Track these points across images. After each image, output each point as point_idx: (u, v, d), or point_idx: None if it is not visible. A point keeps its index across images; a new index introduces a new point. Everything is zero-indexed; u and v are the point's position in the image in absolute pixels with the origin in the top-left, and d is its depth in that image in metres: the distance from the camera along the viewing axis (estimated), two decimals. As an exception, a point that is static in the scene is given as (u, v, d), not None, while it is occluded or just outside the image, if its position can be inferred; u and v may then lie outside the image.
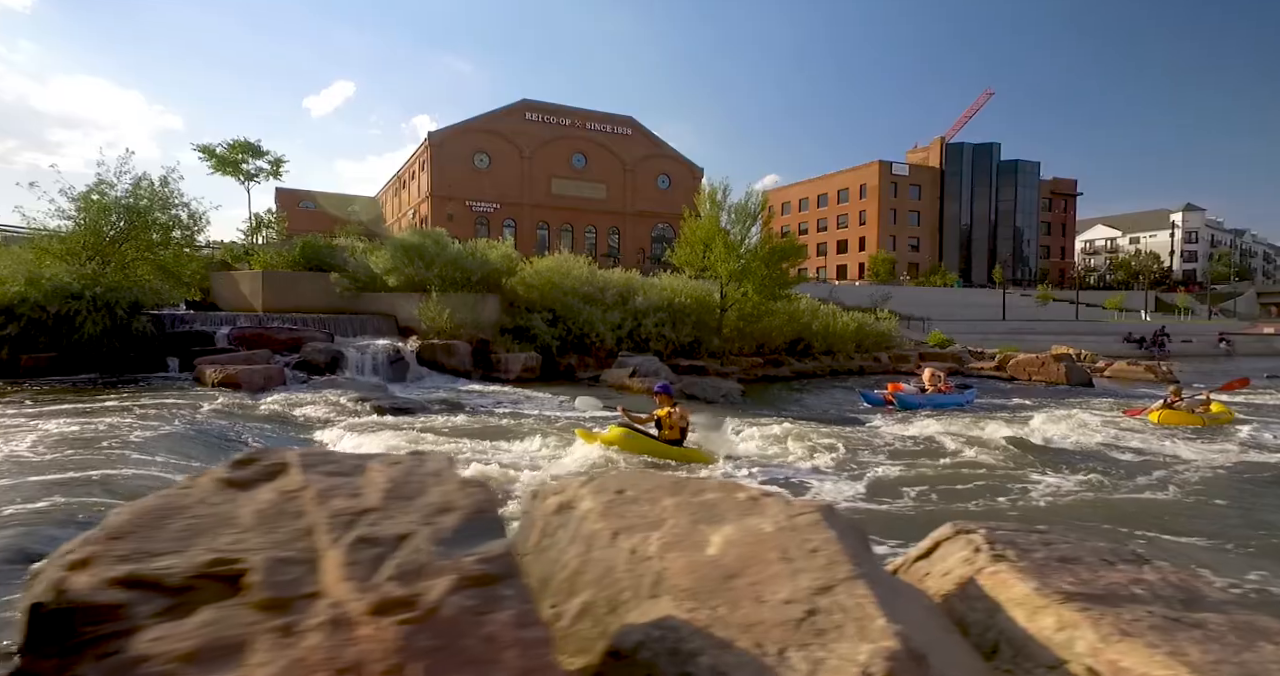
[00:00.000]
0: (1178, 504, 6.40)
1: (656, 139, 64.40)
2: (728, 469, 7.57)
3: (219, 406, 9.72)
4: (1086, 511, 6.21)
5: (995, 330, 43.35)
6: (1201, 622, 1.65)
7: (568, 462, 7.46)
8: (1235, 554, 5.00)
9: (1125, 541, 5.10)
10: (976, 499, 6.56)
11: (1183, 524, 5.74)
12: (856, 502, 6.35)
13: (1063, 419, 12.28)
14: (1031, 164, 77.86)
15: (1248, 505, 6.46)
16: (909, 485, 7.03)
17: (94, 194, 14.89)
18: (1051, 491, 6.86)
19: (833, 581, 1.79)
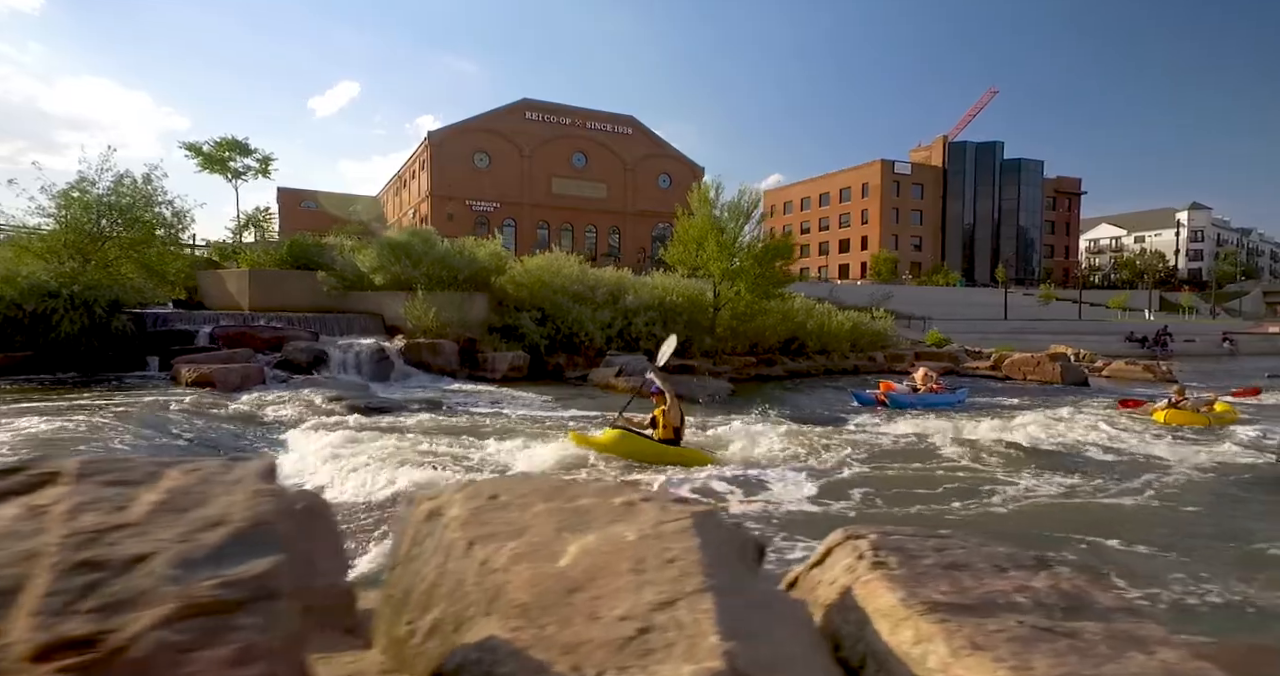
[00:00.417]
0: (1146, 508, 6.15)
1: (657, 138, 64.21)
2: (712, 470, 7.36)
3: (188, 406, 9.57)
4: (1047, 514, 5.98)
5: (997, 330, 43.02)
6: (1075, 632, 1.55)
7: (524, 463, 7.27)
8: (1187, 560, 4.76)
9: (1072, 546, 4.87)
10: (937, 501, 6.33)
11: (1144, 529, 5.50)
12: (809, 504, 6.13)
13: (1050, 418, 12.04)
14: (1035, 163, 77.35)
15: (1224, 511, 6.22)
16: (874, 485, 6.82)
17: (74, 192, 14.79)
18: (1019, 493, 6.63)
19: (678, 595, 1.63)
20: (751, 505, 6.12)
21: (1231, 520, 5.91)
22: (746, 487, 6.64)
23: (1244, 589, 4.22)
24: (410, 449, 7.88)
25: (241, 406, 10.11)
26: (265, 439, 8.36)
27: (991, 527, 5.45)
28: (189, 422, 8.52)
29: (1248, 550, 5.03)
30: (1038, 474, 7.47)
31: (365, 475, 6.51)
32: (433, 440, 8.58)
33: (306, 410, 10.46)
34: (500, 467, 7.15)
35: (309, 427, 9.22)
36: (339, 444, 7.85)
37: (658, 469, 7.36)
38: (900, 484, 7.01)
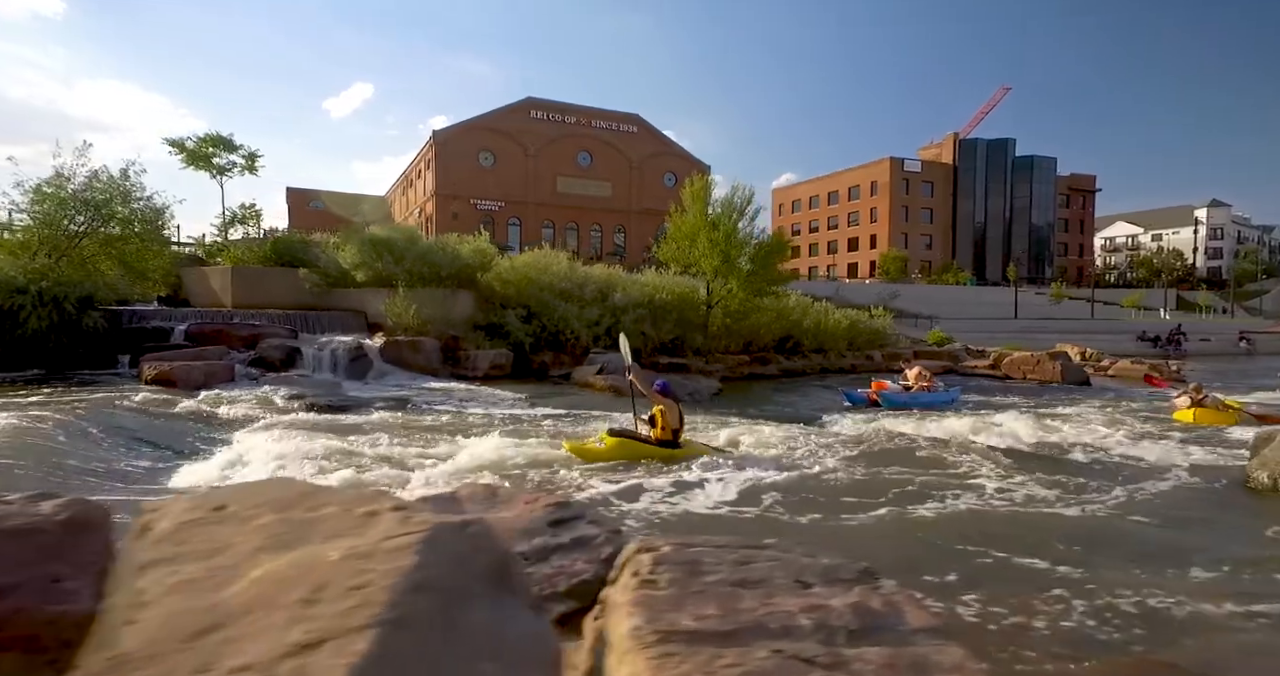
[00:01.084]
0: (1095, 519, 5.61)
1: (663, 136, 63.82)
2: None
3: (136, 404, 9.32)
4: (1000, 520, 5.52)
5: (1006, 329, 42.23)
6: (845, 661, 1.38)
7: (463, 461, 6.90)
8: (1132, 569, 4.28)
9: (991, 555, 4.41)
10: (876, 506, 5.87)
11: (1097, 536, 5.01)
12: (734, 508, 5.70)
13: (1042, 418, 11.56)
14: (1048, 160, 76.07)
15: (1187, 524, 5.71)
16: (820, 488, 6.38)
17: (47, 187, 14.65)
18: (978, 497, 6.16)
19: (331, 634, 1.30)
20: (662, 505, 5.72)
21: (1199, 530, 5.41)
22: (679, 489, 6.23)
23: (1176, 601, 3.76)
24: (350, 448, 7.55)
25: (194, 404, 9.83)
26: (204, 437, 8.07)
27: (919, 534, 4.99)
28: (131, 421, 8.25)
29: (1204, 560, 4.55)
30: (1009, 476, 6.98)
31: (293, 474, 6.18)
32: (380, 439, 8.25)
33: (262, 408, 10.18)
34: (435, 465, 6.80)
35: (258, 426, 8.94)
36: (279, 442, 7.53)
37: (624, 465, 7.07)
38: (848, 488, 6.56)
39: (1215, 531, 5.53)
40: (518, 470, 6.64)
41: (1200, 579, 4.32)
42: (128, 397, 9.70)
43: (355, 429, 9.01)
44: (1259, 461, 6.79)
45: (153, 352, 13.24)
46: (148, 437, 7.56)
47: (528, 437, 8.50)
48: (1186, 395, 12.31)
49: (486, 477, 6.38)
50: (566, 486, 6.28)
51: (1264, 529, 5.55)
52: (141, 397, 9.74)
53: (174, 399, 10.00)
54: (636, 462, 7.24)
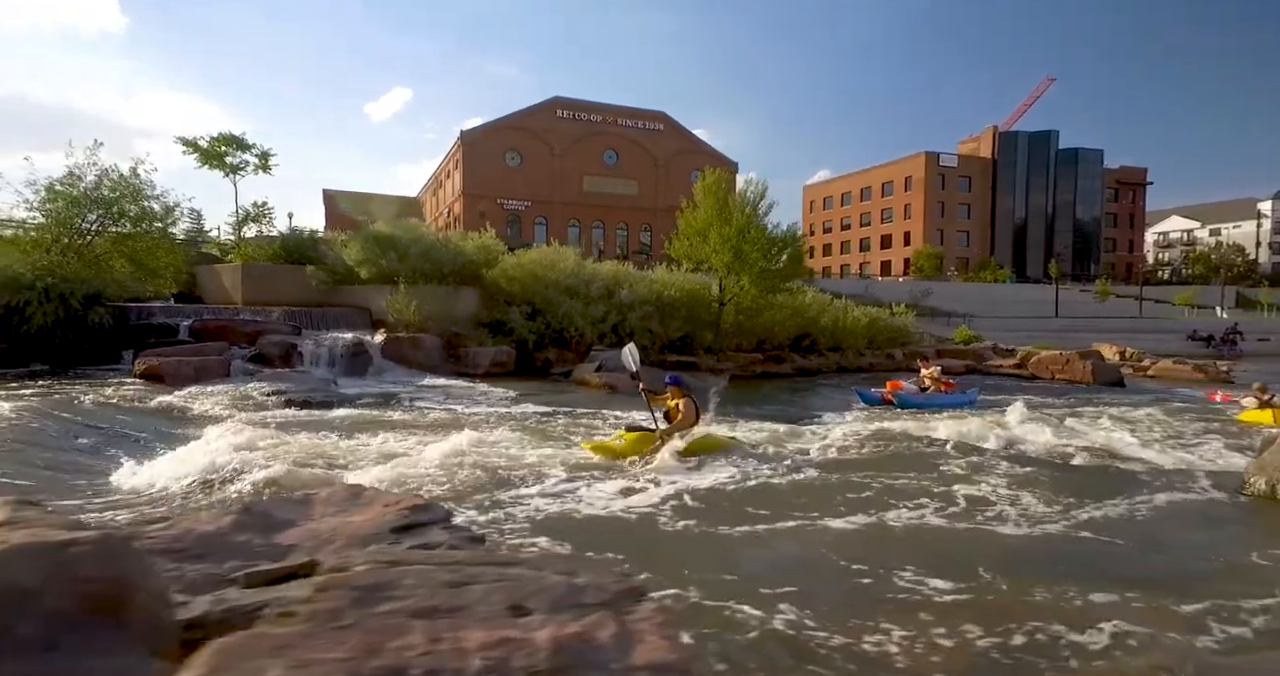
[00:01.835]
0: (1057, 535, 4.96)
1: (689, 134, 63.26)
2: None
3: (111, 398, 9.32)
4: (930, 534, 4.94)
5: (1046, 328, 40.52)
6: None
7: (428, 457, 6.60)
8: (1024, 604, 3.69)
9: (905, 574, 3.80)
10: (838, 513, 5.35)
11: (1023, 561, 4.35)
12: (675, 509, 5.23)
13: (1053, 420, 10.73)
14: (1093, 152, 72.89)
15: (1163, 538, 5.02)
16: (785, 493, 5.87)
17: (58, 185, 14.99)
18: (943, 504, 5.57)
19: None
20: (592, 506, 5.29)
21: (1174, 546, 4.74)
22: (623, 491, 5.79)
23: (1126, 629, 3.20)
24: (304, 445, 7.35)
25: (170, 399, 9.80)
26: (158, 432, 7.94)
27: (857, 546, 4.45)
28: (97, 415, 8.21)
29: (1171, 579, 3.94)
30: (989, 482, 6.36)
31: (234, 469, 5.97)
32: (342, 436, 8.04)
33: (238, 404, 10.10)
34: (380, 464, 6.51)
35: (230, 421, 8.82)
36: (229, 438, 7.35)
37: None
38: (816, 490, 6.04)
39: (1192, 547, 4.89)
40: (459, 469, 6.30)
41: (1162, 602, 3.72)
42: (104, 392, 9.72)
43: (324, 425, 8.83)
44: (1257, 466, 6.10)
45: (153, 349, 13.41)
46: (101, 431, 7.47)
47: (499, 434, 8.16)
48: (1252, 396, 11.46)
49: (430, 476, 6.07)
50: (507, 485, 5.91)
51: (1248, 545, 4.87)
52: (119, 392, 9.75)
53: (152, 394, 9.99)
54: (613, 460, 6.94)
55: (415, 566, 1.65)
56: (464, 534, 3.31)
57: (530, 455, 7.16)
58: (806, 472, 6.86)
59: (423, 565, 1.66)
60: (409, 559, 1.73)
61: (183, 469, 6.04)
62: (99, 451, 6.64)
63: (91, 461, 6.28)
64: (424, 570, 1.62)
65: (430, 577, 1.59)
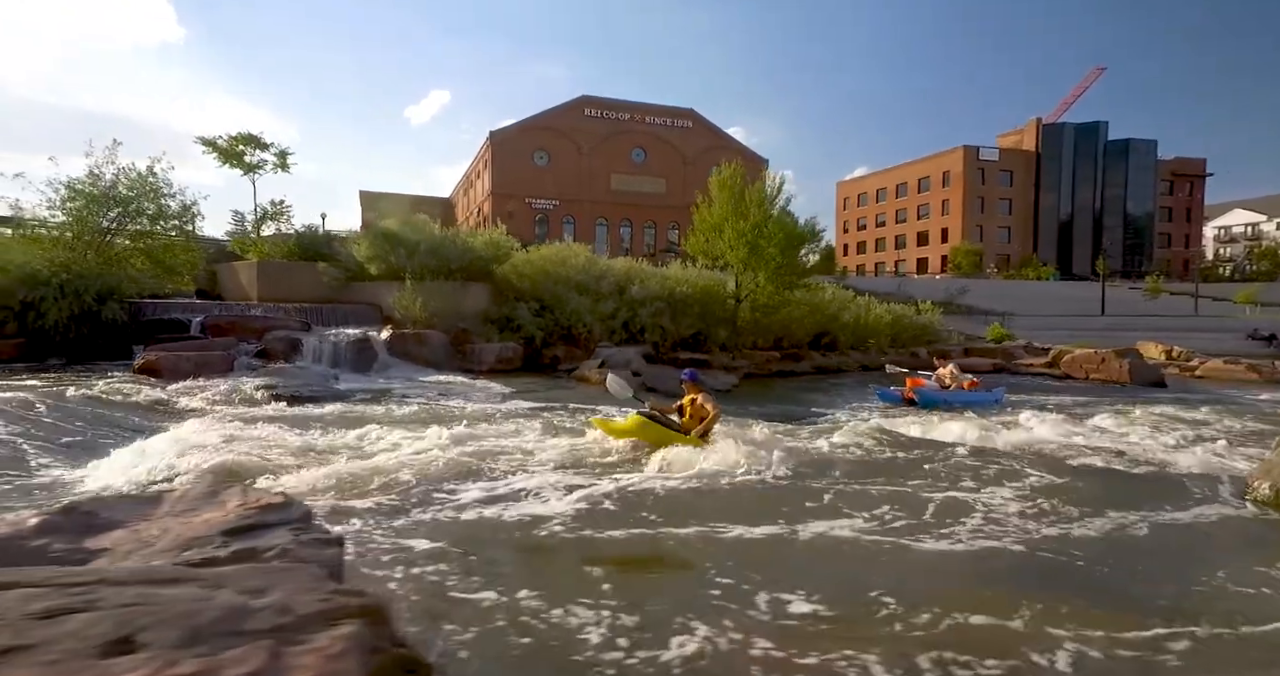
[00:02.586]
0: (1053, 549, 4.40)
1: (718, 131, 62.56)
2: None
3: (95, 392, 9.35)
4: (884, 548, 4.43)
5: (1090, 326, 38.74)
6: None
7: (383, 453, 6.37)
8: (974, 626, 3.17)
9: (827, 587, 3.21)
10: (795, 518, 4.88)
11: (987, 578, 3.87)
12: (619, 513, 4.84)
13: (1072, 420, 9.99)
14: (1145, 143, 69.54)
15: (1149, 551, 4.41)
16: (751, 497, 5.43)
17: (77, 185, 15.39)
18: (913, 511, 5.04)
19: None
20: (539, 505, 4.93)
21: (1161, 560, 4.13)
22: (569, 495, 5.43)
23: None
24: (271, 440, 7.20)
25: (160, 394, 9.82)
26: (132, 427, 7.88)
27: (802, 554, 4.00)
28: (74, 410, 8.24)
29: (1149, 599, 3.38)
30: (982, 485, 5.80)
31: (184, 463, 5.84)
32: (316, 432, 7.88)
33: (231, 398, 10.09)
34: (335, 461, 6.30)
35: (208, 417, 8.78)
36: (201, 433, 7.26)
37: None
38: (790, 494, 5.58)
39: (1182, 559, 4.30)
40: (404, 465, 6.03)
41: (1144, 622, 3.18)
42: (96, 386, 9.80)
43: (304, 421, 8.70)
44: (1263, 469, 5.52)
45: (159, 344, 13.62)
46: (66, 426, 7.46)
47: (468, 431, 7.89)
48: None
49: (371, 472, 5.83)
50: (449, 481, 5.62)
51: (1243, 557, 4.25)
52: (111, 386, 9.82)
53: (142, 389, 10.04)
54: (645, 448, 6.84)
55: (14, 590, 1.32)
56: (316, 535, 3.01)
57: (497, 450, 6.87)
58: (783, 474, 6.40)
59: (28, 588, 1.33)
60: (20, 580, 1.40)
61: (134, 463, 5.93)
62: (51, 445, 6.60)
63: (40, 456, 6.22)
64: (20, 594, 1.29)
65: (27, 604, 1.26)
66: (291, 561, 2.63)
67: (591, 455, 6.89)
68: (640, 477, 6.00)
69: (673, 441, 6.95)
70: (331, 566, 2.78)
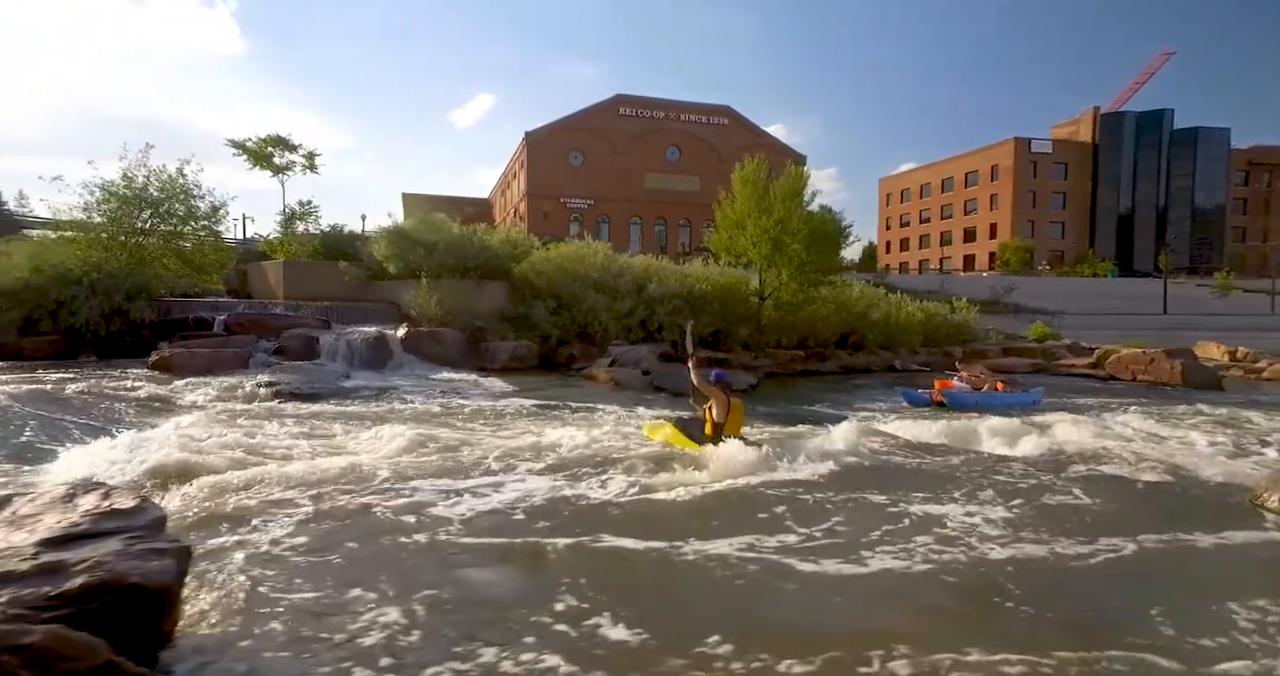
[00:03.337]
0: (1039, 566, 3.89)
1: (755, 128, 61.58)
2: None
3: (99, 388, 9.60)
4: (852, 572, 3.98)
5: (1150, 326, 36.49)
6: None
7: (351, 451, 6.24)
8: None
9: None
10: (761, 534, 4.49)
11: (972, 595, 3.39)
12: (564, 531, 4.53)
13: (1104, 424, 9.22)
14: (1218, 131, 65.33)
15: (1148, 562, 3.83)
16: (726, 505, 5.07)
17: (110, 187, 15.99)
18: (897, 525, 4.57)
19: None
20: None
21: (1153, 576, 3.58)
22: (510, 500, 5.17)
23: None
24: (256, 437, 7.18)
25: (162, 390, 10.01)
26: (115, 421, 7.97)
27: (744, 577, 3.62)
28: (69, 404, 8.44)
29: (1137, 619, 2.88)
30: (982, 495, 5.29)
31: (134, 461, 5.84)
32: (305, 429, 7.85)
33: (232, 395, 10.19)
34: (292, 461, 6.20)
35: (204, 412, 8.89)
36: (185, 429, 7.30)
37: None
38: (778, 506, 5.19)
39: (1157, 588, 3.75)
40: (348, 470, 5.87)
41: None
42: (102, 382, 10.06)
43: (290, 417, 8.68)
44: (1272, 478, 5.09)
45: (185, 341, 14.01)
46: (54, 419, 7.60)
47: (441, 434, 7.73)
48: None
49: (325, 470, 5.69)
50: (368, 487, 5.43)
51: (1227, 585, 3.68)
52: (117, 382, 10.08)
53: (148, 384, 10.27)
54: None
55: None
56: (153, 545, 2.80)
57: (451, 450, 6.68)
58: (752, 484, 6.00)
59: None
60: None
61: (86, 461, 5.91)
62: (16, 438, 6.70)
63: (35, 449, 6.32)
64: None
65: None
66: (106, 574, 2.43)
67: (547, 456, 6.62)
68: (575, 484, 5.71)
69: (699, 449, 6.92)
70: (159, 579, 2.57)
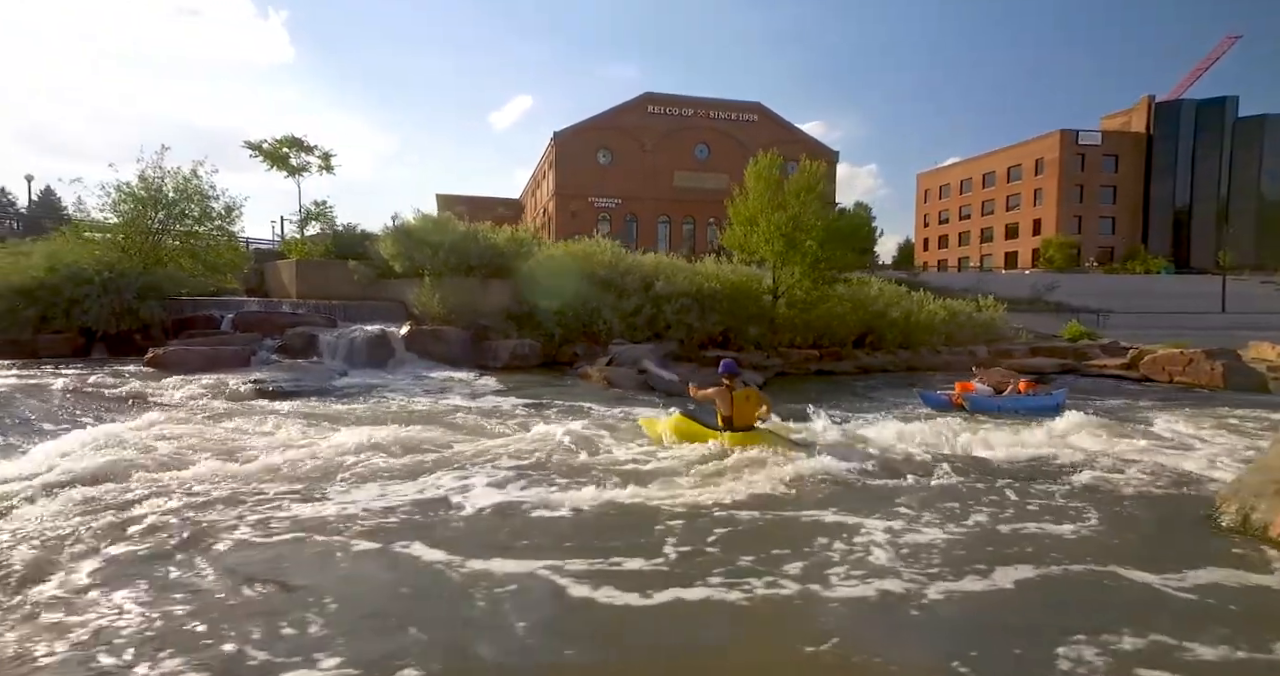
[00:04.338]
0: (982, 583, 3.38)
1: (786, 124, 60.48)
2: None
3: (81, 384, 9.72)
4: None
5: (1205, 325, 34.49)
6: None
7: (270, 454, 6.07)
8: None
9: None
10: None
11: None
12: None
13: (1129, 430, 8.49)
14: (1285, 118, 61.32)
15: (1097, 582, 3.26)
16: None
17: (125, 188, 16.41)
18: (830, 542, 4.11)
19: None
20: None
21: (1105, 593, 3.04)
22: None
23: None
24: (215, 434, 7.12)
25: (146, 387, 10.08)
26: (80, 418, 8.00)
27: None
28: (43, 400, 8.54)
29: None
30: (947, 506, 4.78)
31: (65, 460, 5.78)
32: (260, 426, 7.77)
33: (215, 392, 10.23)
34: (239, 460, 6.06)
35: (180, 409, 8.90)
36: (151, 427, 7.28)
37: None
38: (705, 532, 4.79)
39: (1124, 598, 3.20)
40: (288, 469, 5.68)
41: None
42: (88, 378, 10.20)
43: (264, 414, 8.62)
44: (1231, 490, 4.75)
45: (192, 339, 14.26)
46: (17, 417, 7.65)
47: (406, 433, 7.52)
48: None
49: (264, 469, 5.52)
50: (293, 489, 5.21)
51: (1195, 595, 3.12)
52: (103, 379, 10.21)
53: (133, 381, 10.38)
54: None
55: None
56: None
57: (410, 450, 6.46)
58: (713, 505, 5.59)
59: None
60: None
61: (42, 458, 5.90)
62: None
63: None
64: None
65: None
66: None
67: (485, 460, 6.33)
68: (502, 488, 5.38)
69: (709, 438, 6.91)
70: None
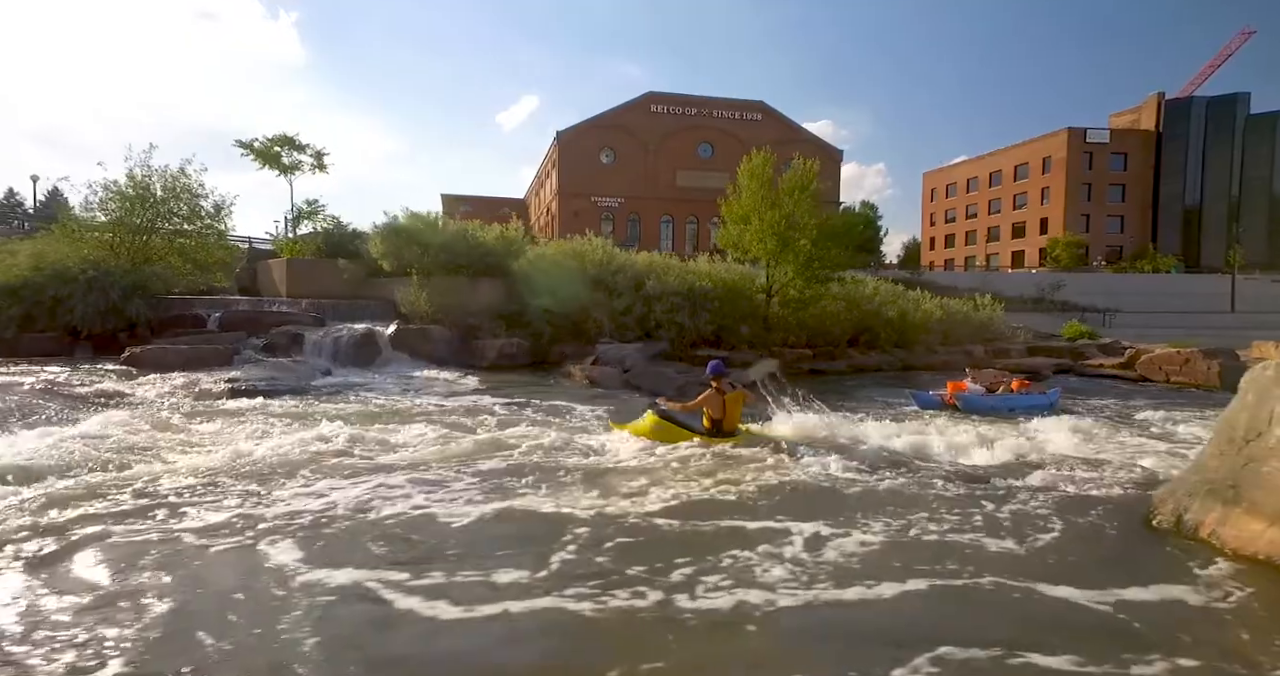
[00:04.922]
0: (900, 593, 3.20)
1: (789, 123, 60.18)
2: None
3: (49, 383, 9.66)
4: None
5: (1214, 325, 33.99)
6: None
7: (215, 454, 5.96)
8: None
9: None
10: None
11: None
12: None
13: (1109, 430, 8.29)
14: (1299, 115, 60.35)
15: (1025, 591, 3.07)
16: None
17: (113, 186, 16.43)
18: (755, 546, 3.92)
19: None
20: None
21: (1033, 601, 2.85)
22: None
23: None
24: (164, 435, 7.02)
25: (115, 385, 10.02)
26: (33, 418, 7.92)
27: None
28: (11, 398, 8.48)
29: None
30: (879, 512, 4.58)
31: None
32: (218, 426, 7.66)
33: (186, 391, 10.14)
34: (172, 461, 5.95)
35: (144, 407, 8.82)
36: (105, 426, 7.19)
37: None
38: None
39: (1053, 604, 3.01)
40: (225, 468, 5.56)
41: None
42: (59, 377, 10.14)
43: (229, 415, 8.50)
44: (1167, 491, 4.69)
45: (177, 337, 14.22)
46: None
47: (362, 432, 7.40)
48: None
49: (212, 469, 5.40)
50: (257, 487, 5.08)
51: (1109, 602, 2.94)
52: (72, 377, 10.16)
53: (104, 380, 10.32)
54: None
55: None
56: None
57: (374, 450, 6.34)
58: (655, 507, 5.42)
59: None
60: None
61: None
62: None
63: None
64: None
65: None
66: None
67: (444, 459, 6.19)
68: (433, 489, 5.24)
69: (685, 439, 6.77)
70: None
